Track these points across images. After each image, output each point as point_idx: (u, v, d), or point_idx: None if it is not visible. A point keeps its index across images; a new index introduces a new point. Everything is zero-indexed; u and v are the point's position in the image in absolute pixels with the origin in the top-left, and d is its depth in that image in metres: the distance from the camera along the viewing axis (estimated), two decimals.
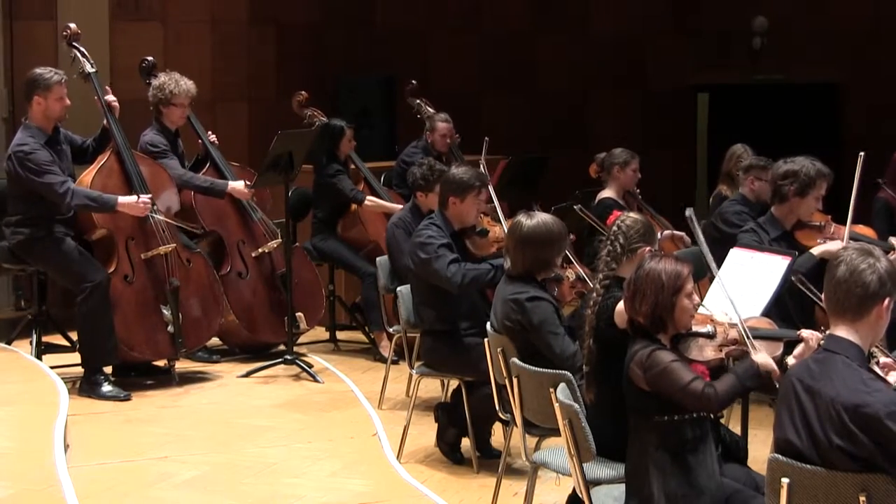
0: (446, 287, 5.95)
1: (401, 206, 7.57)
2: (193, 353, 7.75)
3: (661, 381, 4.01)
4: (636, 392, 4.09)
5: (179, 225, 7.47)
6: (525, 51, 12.46)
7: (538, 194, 7.69)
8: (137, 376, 7.43)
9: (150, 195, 7.20)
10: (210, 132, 8.13)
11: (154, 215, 7.27)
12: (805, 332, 4.29)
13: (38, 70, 7.11)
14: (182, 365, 7.56)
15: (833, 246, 5.65)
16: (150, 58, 8.12)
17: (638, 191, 8.05)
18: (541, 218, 5.21)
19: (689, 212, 4.35)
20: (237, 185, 7.90)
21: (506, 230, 6.19)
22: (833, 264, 3.57)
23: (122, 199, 7.09)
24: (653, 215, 7.87)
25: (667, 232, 7.76)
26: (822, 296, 3.64)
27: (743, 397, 4.83)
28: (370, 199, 8.33)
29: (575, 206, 7.46)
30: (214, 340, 8.06)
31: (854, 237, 5.92)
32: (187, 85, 7.80)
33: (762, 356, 4.07)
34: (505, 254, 5.35)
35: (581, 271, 5.66)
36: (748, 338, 4.20)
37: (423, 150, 8.82)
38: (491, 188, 6.47)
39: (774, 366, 4.07)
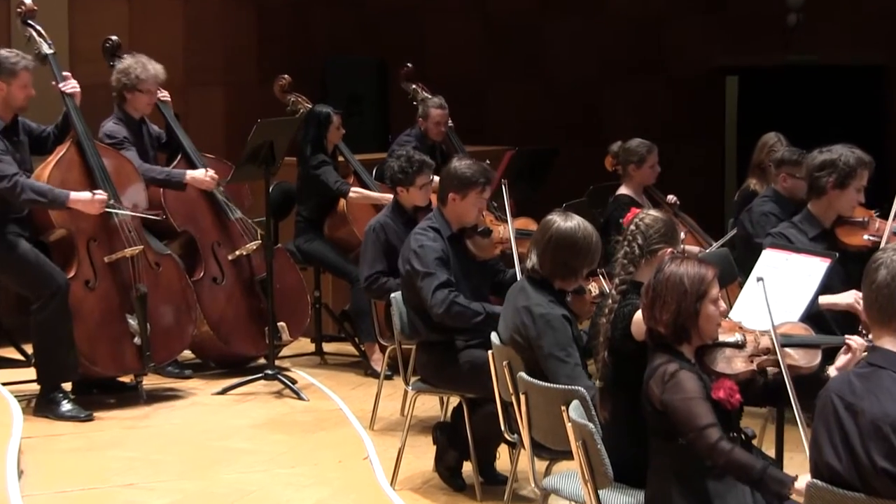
0: (427, 309, 5.94)
1: (390, 197, 7.51)
2: (163, 368, 7.74)
3: (676, 409, 3.98)
4: (655, 412, 4.06)
5: (142, 216, 7.42)
6: (533, 33, 12.45)
7: (547, 189, 7.68)
8: (100, 394, 7.42)
9: (105, 192, 7.16)
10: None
11: (118, 212, 7.23)
12: (850, 339, 4.25)
13: (4, 52, 7.10)
14: (150, 381, 7.55)
15: (841, 299, 5.51)
16: (114, 37, 8.09)
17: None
18: (578, 221, 5.17)
19: None
20: (197, 174, 7.87)
21: (511, 230, 6.17)
22: (872, 268, 3.55)
23: (74, 194, 7.05)
24: (675, 213, 7.84)
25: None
26: (861, 303, 3.60)
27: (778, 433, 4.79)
28: (355, 191, 8.28)
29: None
30: (186, 353, 8.05)
31: None
32: (155, 69, 7.79)
33: (803, 481, 3.67)
34: (528, 253, 5.30)
35: (606, 287, 5.58)
36: (778, 346, 4.16)
37: (416, 138, 8.79)
38: (504, 187, 6.43)
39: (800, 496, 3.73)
